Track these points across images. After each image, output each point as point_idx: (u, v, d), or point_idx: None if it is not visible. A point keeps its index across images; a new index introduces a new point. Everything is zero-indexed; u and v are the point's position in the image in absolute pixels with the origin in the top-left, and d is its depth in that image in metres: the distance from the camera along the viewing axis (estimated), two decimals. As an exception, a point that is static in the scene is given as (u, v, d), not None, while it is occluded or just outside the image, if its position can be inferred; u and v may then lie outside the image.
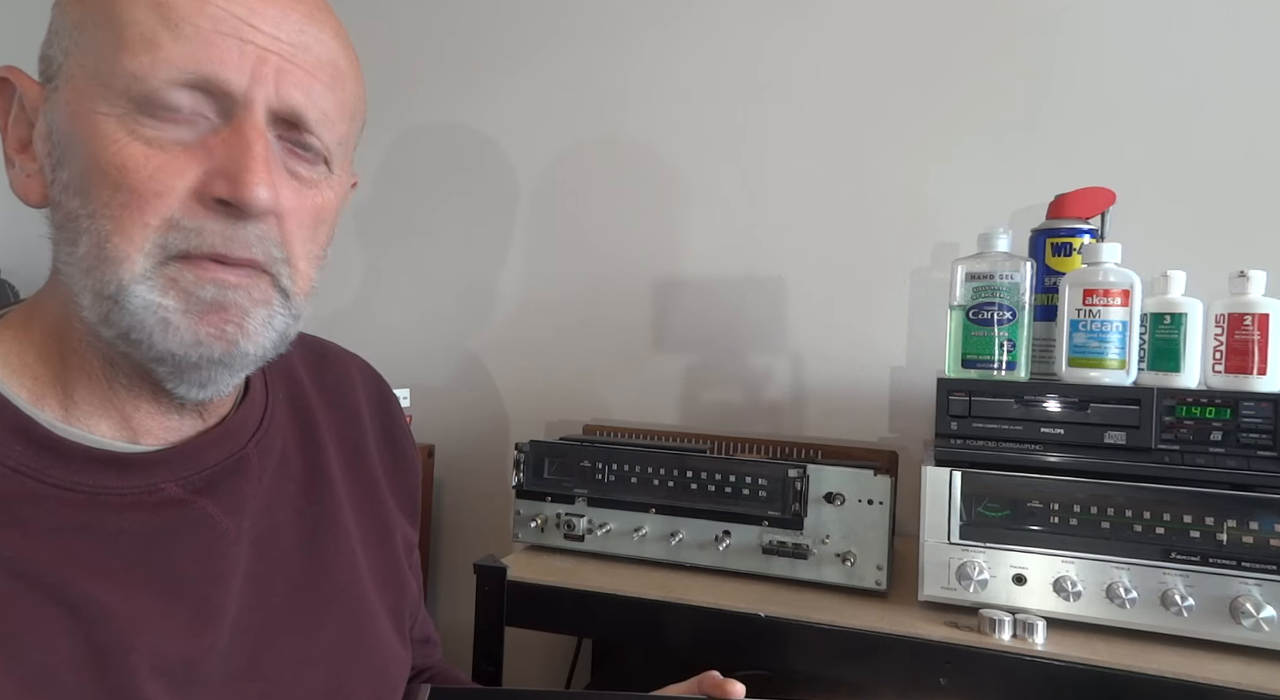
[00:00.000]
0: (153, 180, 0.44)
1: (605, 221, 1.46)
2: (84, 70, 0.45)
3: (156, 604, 0.47)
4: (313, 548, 0.57)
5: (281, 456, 0.58)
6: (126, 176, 0.44)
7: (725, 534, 1.02)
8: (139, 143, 0.44)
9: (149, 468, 0.50)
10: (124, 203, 0.44)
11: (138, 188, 0.44)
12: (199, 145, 0.45)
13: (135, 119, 0.44)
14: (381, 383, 0.72)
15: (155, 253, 0.45)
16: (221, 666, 0.49)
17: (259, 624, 0.52)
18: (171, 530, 0.49)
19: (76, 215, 0.45)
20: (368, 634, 0.58)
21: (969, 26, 1.27)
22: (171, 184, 0.44)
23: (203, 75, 0.44)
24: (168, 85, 0.44)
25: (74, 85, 0.46)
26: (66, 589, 0.44)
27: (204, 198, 0.45)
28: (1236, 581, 0.81)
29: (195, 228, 0.45)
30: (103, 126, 0.44)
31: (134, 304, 0.45)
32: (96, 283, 0.45)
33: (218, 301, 0.46)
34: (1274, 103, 1.15)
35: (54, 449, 0.47)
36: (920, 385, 1.28)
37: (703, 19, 1.40)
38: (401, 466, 0.70)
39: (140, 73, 0.44)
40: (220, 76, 0.45)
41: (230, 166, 0.45)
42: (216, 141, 0.45)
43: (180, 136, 0.45)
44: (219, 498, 0.52)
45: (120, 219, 0.44)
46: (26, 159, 0.48)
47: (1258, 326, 0.86)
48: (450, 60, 1.56)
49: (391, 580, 0.64)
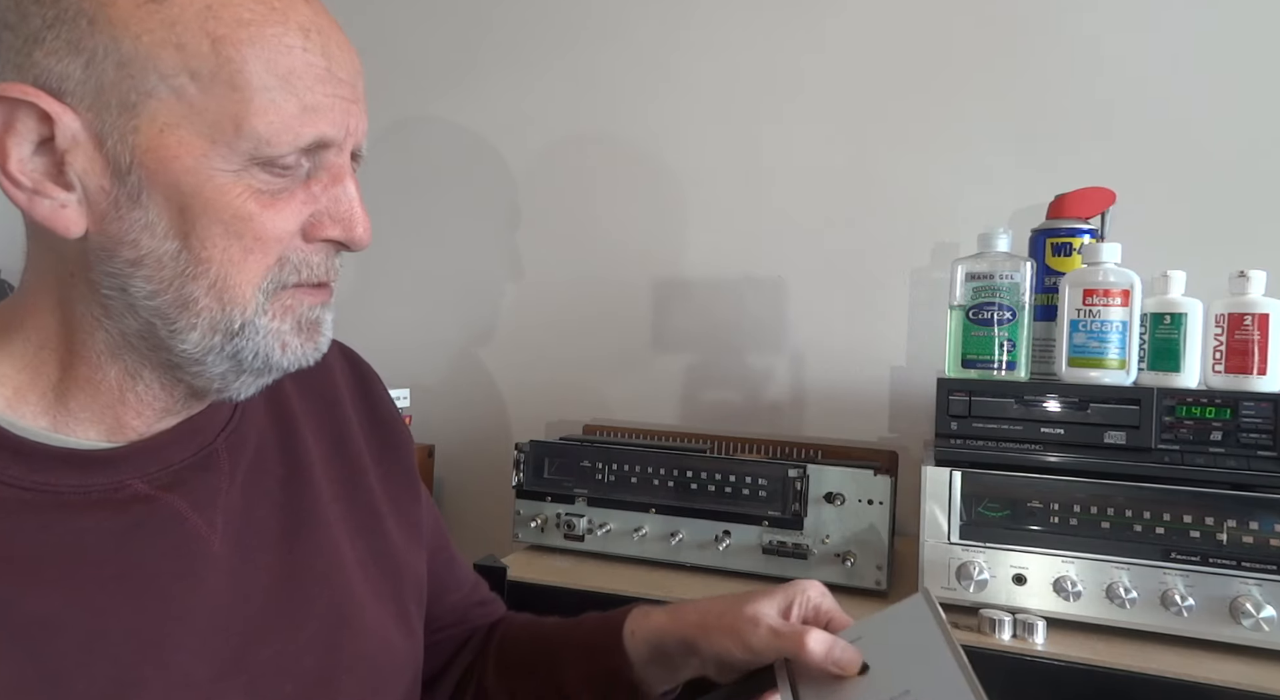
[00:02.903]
0: (272, 228, 0.48)
1: (606, 221, 1.46)
2: (191, 123, 0.46)
3: (125, 603, 0.47)
4: (293, 542, 0.57)
5: (257, 452, 0.58)
6: (249, 227, 0.47)
7: (725, 534, 1.02)
8: (254, 194, 0.47)
9: (114, 464, 0.50)
10: (246, 248, 0.48)
11: (260, 235, 0.48)
12: (302, 189, 0.50)
13: (251, 174, 0.47)
14: (359, 364, 0.72)
15: (269, 288, 0.49)
16: (203, 665, 0.49)
17: (240, 620, 0.52)
18: (139, 527, 0.49)
19: (176, 257, 0.47)
20: (354, 624, 0.58)
21: (969, 27, 1.27)
22: (287, 229, 0.49)
23: (318, 141, 0.48)
24: (293, 150, 0.48)
25: (176, 136, 0.46)
26: (12, 610, 0.44)
27: (311, 238, 0.50)
28: (1236, 581, 0.81)
29: (303, 261, 0.50)
30: (220, 181, 0.47)
31: (259, 335, 0.49)
32: (216, 319, 0.48)
33: (317, 320, 0.53)
34: (1274, 103, 1.15)
35: (12, 448, 0.47)
36: (920, 385, 1.28)
37: (704, 18, 1.40)
38: (392, 445, 0.69)
39: (271, 138, 0.46)
40: (328, 137, 0.49)
41: (337, 212, 0.51)
42: (319, 186, 0.50)
43: (285, 185, 0.49)
44: (187, 493, 0.52)
45: (243, 263, 0.48)
46: (58, 189, 0.46)
47: (1258, 326, 0.86)
48: (450, 56, 1.56)
49: (384, 568, 0.63)
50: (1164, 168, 1.19)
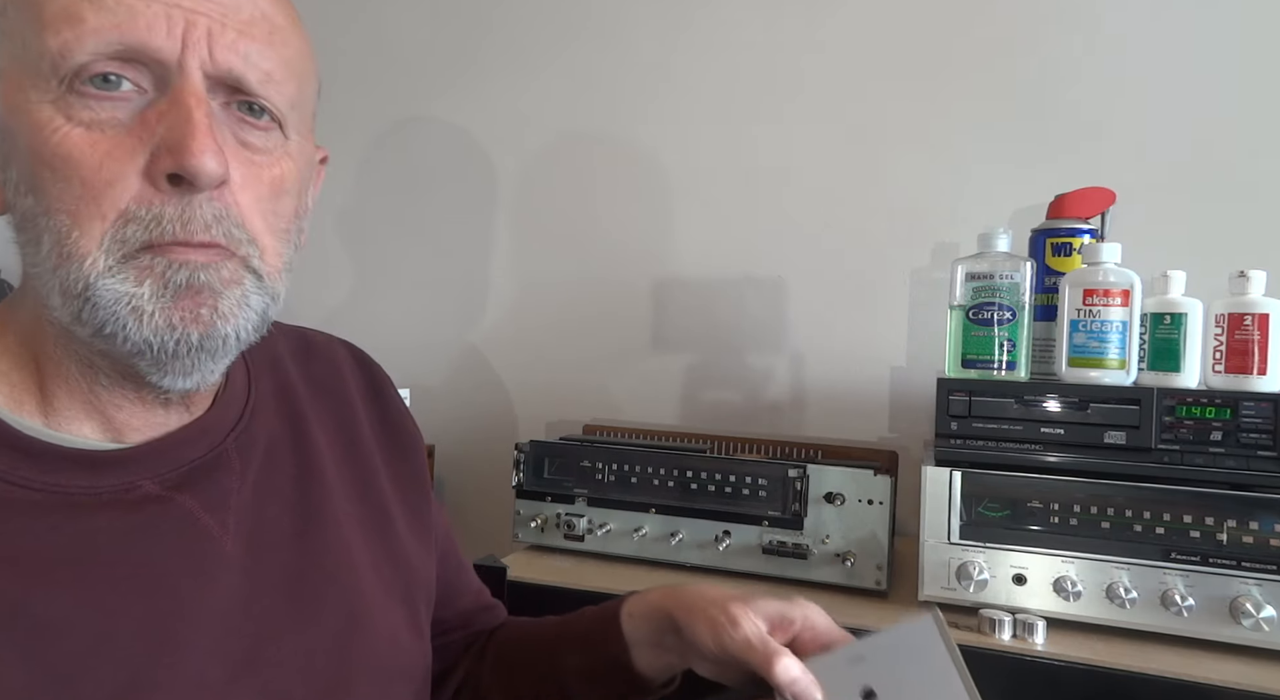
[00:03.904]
0: (102, 169, 0.42)
1: (605, 220, 1.46)
2: (13, 59, 0.43)
3: (136, 604, 0.47)
4: (305, 541, 0.56)
5: (268, 451, 0.57)
6: (75, 168, 0.42)
7: (725, 534, 1.02)
8: (79, 128, 0.42)
9: (124, 465, 0.49)
10: (77, 195, 0.42)
11: (88, 178, 0.42)
12: (139, 123, 0.43)
13: (68, 102, 0.42)
14: (371, 366, 0.71)
15: (115, 248, 0.43)
16: (215, 666, 0.49)
17: (253, 621, 0.51)
18: (150, 527, 0.49)
19: (33, 214, 0.44)
20: (366, 624, 0.58)
21: (969, 26, 1.27)
22: (121, 170, 0.43)
23: (129, 44, 0.42)
24: (95, 59, 0.42)
25: (6, 77, 0.44)
26: (20, 607, 0.43)
27: (154, 177, 0.43)
28: (1236, 581, 0.81)
29: (152, 216, 0.43)
30: (39, 115, 0.42)
31: (104, 297, 0.43)
32: (63, 281, 0.43)
33: (190, 285, 0.45)
34: (1274, 103, 1.15)
35: (23, 450, 0.46)
36: (920, 385, 1.28)
37: (703, 18, 1.40)
38: (403, 447, 0.68)
39: (65, 49, 0.41)
40: (149, 44, 0.43)
41: (172, 137, 0.43)
42: (155, 115, 0.43)
43: (118, 116, 0.43)
44: (198, 494, 0.51)
45: (76, 213, 0.43)
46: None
47: (1258, 326, 0.86)
48: (449, 56, 1.56)
49: (396, 568, 0.63)
50: (1164, 168, 1.19)
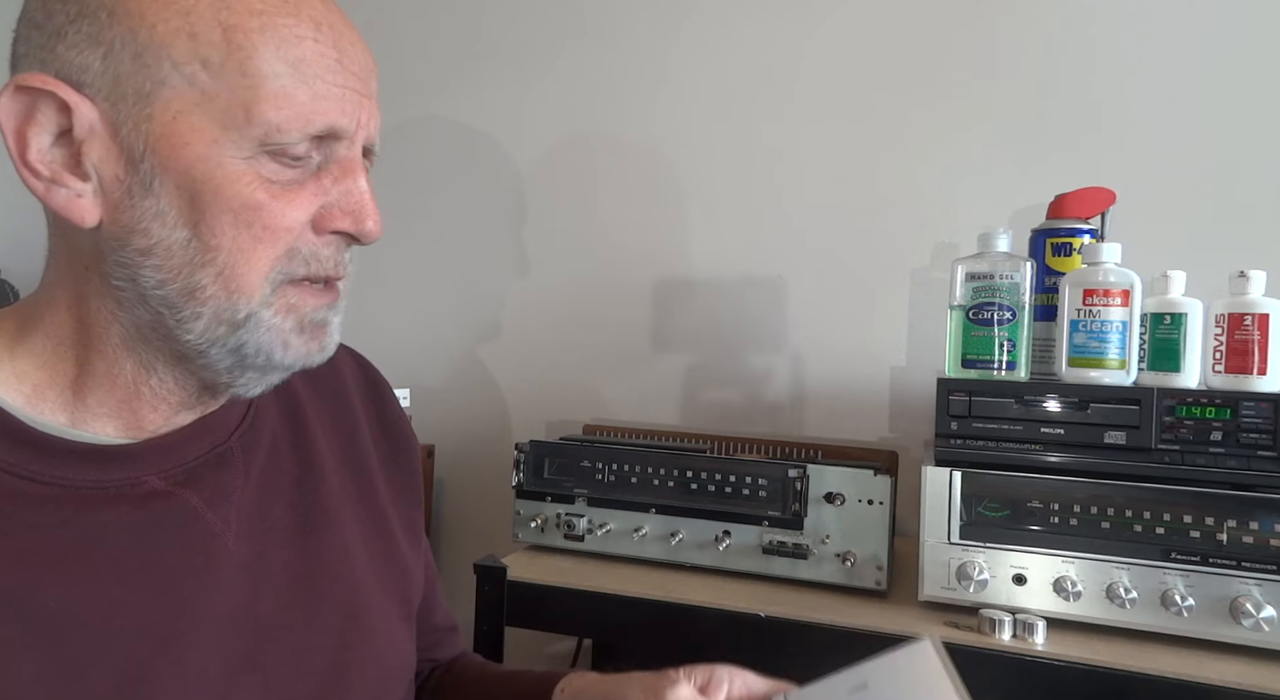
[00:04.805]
0: (281, 217, 0.48)
1: (606, 221, 1.46)
2: (204, 112, 0.46)
3: (141, 598, 0.48)
4: (306, 540, 0.58)
5: (270, 451, 0.59)
6: (259, 215, 0.48)
7: (725, 534, 1.02)
8: (264, 184, 0.48)
9: (130, 460, 0.51)
10: (255, 237, 0.48)
11: (269, 224, 0.48)
12: (313, 180, 0.50)
13: (261, 161, 0.47)
14: (371, 370, 0.73)
15: (277, 279, 0.49)
16: (217, 661, 0.50)
17: (254, 617, 0.53)
18: (155, 522, 0.50)
19: (186, 246, 0.48)
20: (364, 622, 0.59)
21: (969, 27, 1.27)
22: (296, 219, 0.49)
23: (328, 128, 0.48)
24: (301, 140, 0.48)
25: (188, 123, 0.46)
26: (32, 599, 0.45)
27: (321, 230, 0.50)
28: (1236, 581, 0.81)
29: (313, 254, 0.50)
30: (231, 168, 0.47)
31: (261, 328, 0.49)
32: (222, 309, 0.48)
33: (322, 321, 0.52)
34: (1274, 103, 1.15)
35: (36, 445, 0.48)
36: (920, 385, 1.28)
37: (706, 19, 1.40)
38: (399, 450, 0.70)
39: (282, 125, 0.47)
40: (339, 126, 0.49)
41: (349, 204, 0.50)
42: (329, 179, 0.50)
43: (295, 176, 0.49)
44: (202, 490, 0.53)
45: (251, 253, 0.48)
46: (75, 178, 0.47)
47: (1258, 326, 0.86)
48: (450, 56, 1.56)
49: (393, 568, 0.64)
50: (1164, 168, 1.19)
